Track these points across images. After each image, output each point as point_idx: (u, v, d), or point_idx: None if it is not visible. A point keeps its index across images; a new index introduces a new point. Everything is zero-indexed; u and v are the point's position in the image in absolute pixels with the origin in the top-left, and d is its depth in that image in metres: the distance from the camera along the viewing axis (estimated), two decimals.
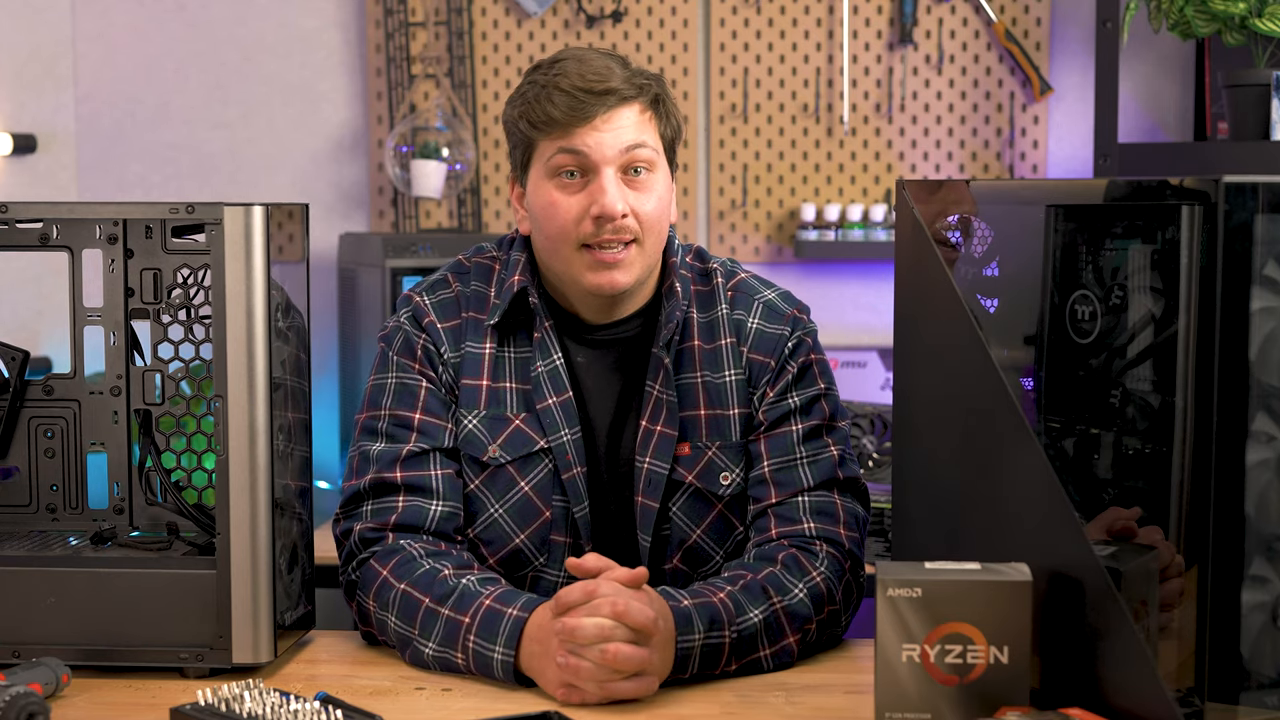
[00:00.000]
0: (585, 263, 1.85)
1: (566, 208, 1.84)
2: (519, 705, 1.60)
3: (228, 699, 1.54)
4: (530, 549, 1.88)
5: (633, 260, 1.85)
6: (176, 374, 1.82)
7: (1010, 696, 1.48)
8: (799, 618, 1.76)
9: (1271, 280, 1.37)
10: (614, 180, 1.83)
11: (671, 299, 1.90)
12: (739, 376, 1.91)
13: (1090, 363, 1.53)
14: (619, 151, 1.83)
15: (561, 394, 1.88)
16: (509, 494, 1.87)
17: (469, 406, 1.89)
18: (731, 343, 1.91)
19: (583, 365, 1.92)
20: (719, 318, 1.92)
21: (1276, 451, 1.39)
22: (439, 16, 3.58)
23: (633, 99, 1.85)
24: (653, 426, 1.88)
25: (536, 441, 1.87)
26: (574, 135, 1.83)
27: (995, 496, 1.59)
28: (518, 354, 1.91)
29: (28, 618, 1.71)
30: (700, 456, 1.89)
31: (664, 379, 1.89)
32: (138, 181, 3.67)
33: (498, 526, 1.87)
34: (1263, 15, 2.93)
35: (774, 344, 1.92)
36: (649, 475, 1.87)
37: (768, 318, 1.93)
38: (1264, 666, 1.40)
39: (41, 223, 1.81)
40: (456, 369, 1.90)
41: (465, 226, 3.61)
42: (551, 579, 1.88)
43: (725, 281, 1.95)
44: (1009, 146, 3.55)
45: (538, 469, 1.87)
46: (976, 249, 1.65)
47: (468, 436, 1.88)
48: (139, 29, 3.66)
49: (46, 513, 1.86)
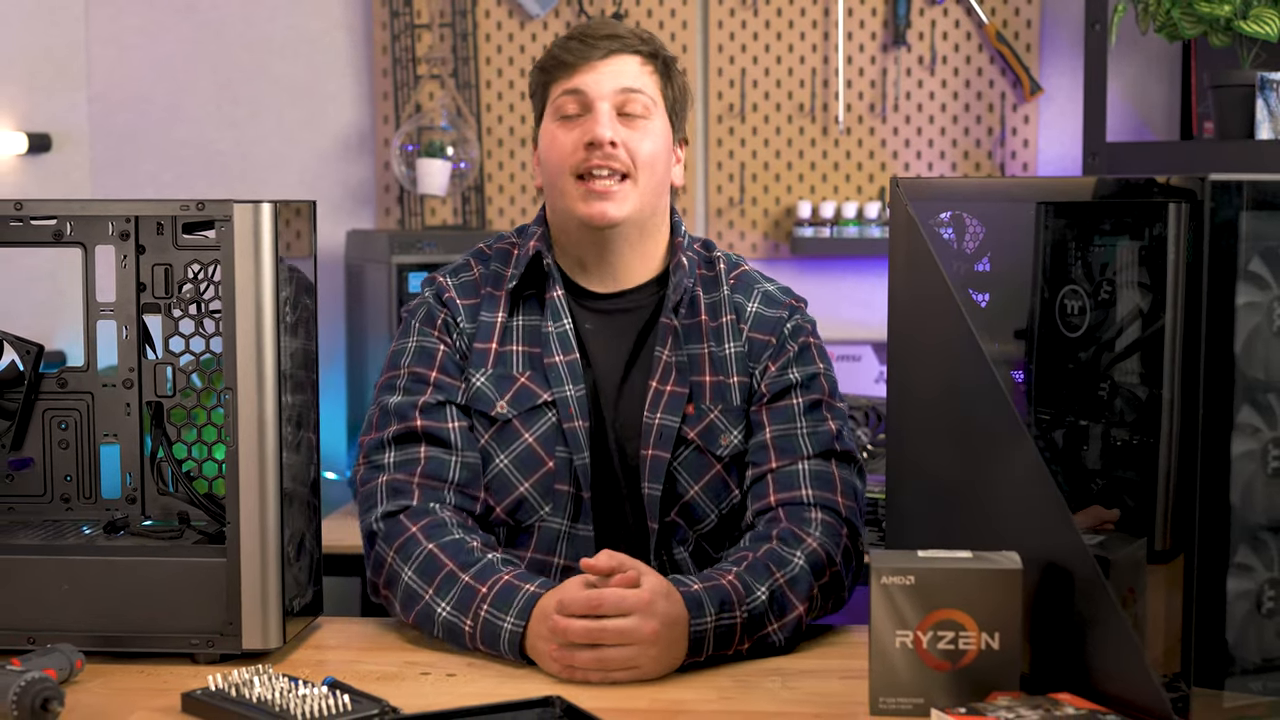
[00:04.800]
0: (579, 193, 1.94)
1: (564, 140, 1.95)
2: (523, 690, 1.61)
3: (238, 684, 1.55)
4: (534, 498, 1.93)
5: (625, 195, 1.94)
6: (187, 367, 1.83)
7: (1001, 682, 1.50)
8: (801, 585, 1.80)
9: (1256, 275, 1.39)
10: (608, 113, 1.94)
11: (679, 271, 1.99)
12: (739, 350, 1.98)
13: (1079, 356, 1.54)
14: (614, 90, 1.95)
15: (569, 354, 1.96)
16: (514, 445, 1.94)
17: (478, 366, 1.96)
18: (731, 320, 1.99)
19: (590, 331, 2.00)
20: (722, 298, 2.00)
21: (1261, 443, 1.40)
22: (444, 18, 3.61)
23: (634, 49, 1.97)
24: (663, 387, 1.95)
25: (540, 395, 1.95)
26: (576, 75, 1.95)
27: (987, 486, 1.61)
28: (527, 321, 1.99)
29: (42, 605, 1.72)
30: (703, 418, 1.96)
31: (673, 343, 1.97)
32: (149, 179, 3.69)
33: (503, 476, 1.93)
34: (1248, 17, 2.95)
35: (774, 325, 1.99)
36: (660, 429, 1.94)
37: (767, 303, 2.01)
38: (1248, 653, 1.41)
39: (56, 220, 1.82)
40: (470, 338, 1.98)
41: (469, 224, 3.64)
42: (555, 527, 1.94)
43: (728, 270, 2.03)
44: (1000, 145, 3.57)
45: (541, 421, 1.94)
46: (968, 245, 1.67)
47: (477, 393, 1.95)
48: (151, 31, 3.69)
49: (61, 502, 1.87)
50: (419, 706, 1.55)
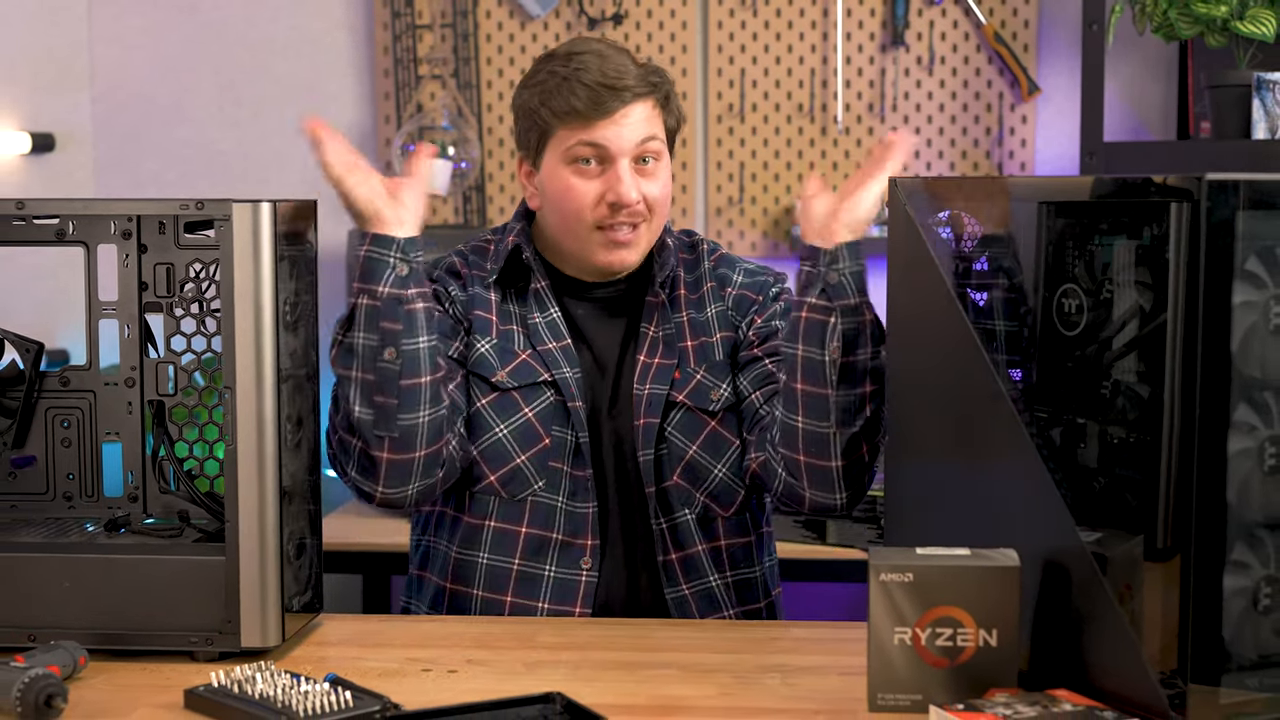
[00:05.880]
0: (599, 242, 2.01)
1: (583, 192, 1.99)
2: (524, 687, 1.62)
3: (240, 680, 1.56)
4: (530, 471, 1.99)
5: (640, 238, 2.02)
6: (189, 366, 1.84)
7: (999, 678, 1.50)
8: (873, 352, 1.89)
9: (1252, 275, 1.39)
10: (629, 170, 1.99)
11: (664, 252, 2.07)
12: (720, 309, 2.08)
13: (1077, 355, 1.54)
14: (634, 144, 1.99)
15: (561, 340, 2.03)
16: (513, 417, 2.00)
17: (483, 333, 2.03)
18: (712, 287, 2.09)
19: (583, 316, 2.07)
20: (702, 273, 2.10)
21: (1257, 441, 1.40)
22: (445, 19, 3.61)
23: (645, 95, 2.01)
24: (650, 360, 2.03)
25: (541, 374, 2.01)
26: (594, 128, 1.98)
27: (985, 484, 1.61)
28: (520, 310, 2.06)
29: (43, 602, 1.73)
30: (690, 380, 2.03)
31: (659, 318, 2.05)
32: (152, 179, 3.70)
33: (500, 445, 1.99)
34: (1244, 18, 2.96)
35: (760, 286, 2.10)
36: (649, 398, 2.01)
37: (751, 274, 2.12)
38: (1245, 649, 1.42)
39: (58, 219, 1.83)
40: (465, 305, 2.05)
41: (470, 222, 3.65)
42: (549, 503, 1.99)
43: (710, 251, 2.13)
44: (998, 145, 3.58)
45: (540, 399, 2.00)
46: (966, 244, 1.68)
47: (480, 358, 2.02)
48: (153, 31, 3.70)
49: (63, 500, 1.88)
50: (420, 703, 1.56)
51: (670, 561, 2.02)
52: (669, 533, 2.00)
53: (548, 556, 2.00)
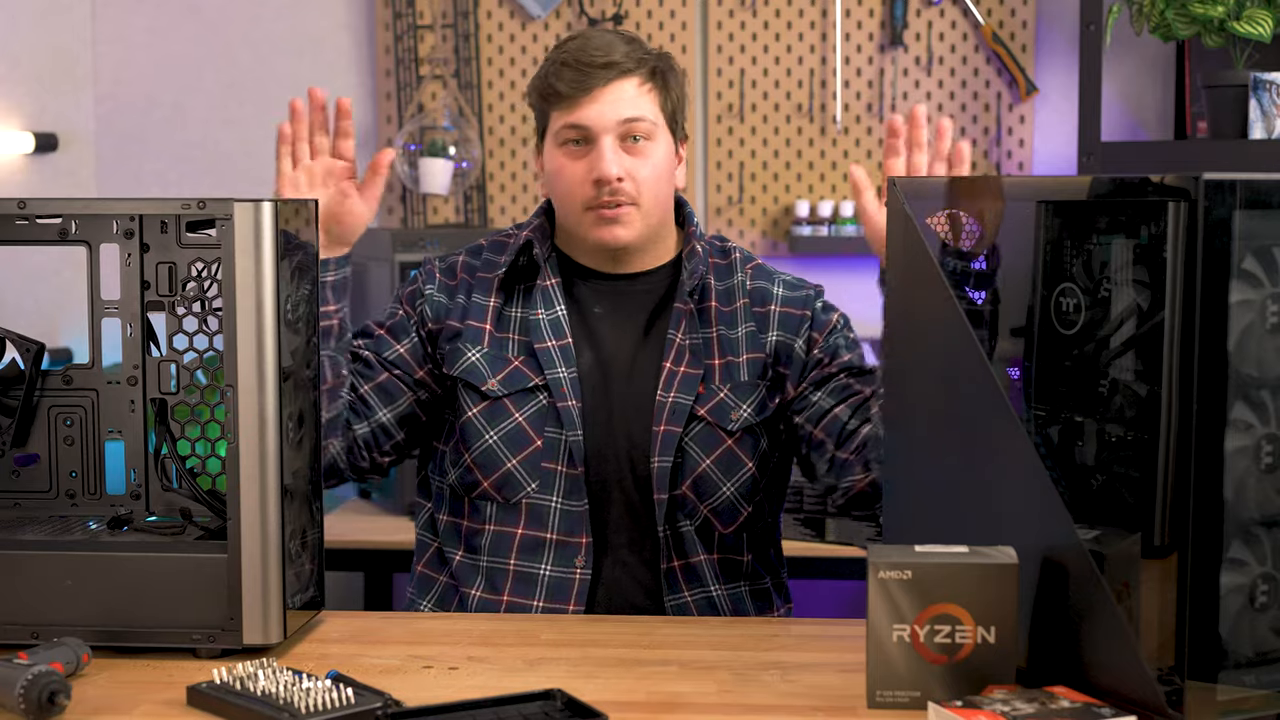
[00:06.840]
0: (590, 220, 2.01)
1: (572, 172, 2.00)
2: (526, 684, 1.62)
3: (242, 677, 1.56)
4: (522, 474, 2.00)
5: (633, 218, 2.01)
6: (191, 364, 1.84)
7: (997, 675, 1.50)
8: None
9: (1249, 274, 1.39)
10: (612, 147, 1.98)
11: (694, 259, 2.05)
12: (749, 329, 2.06)
13: (1075, 353, 1.55)
14: (616, 122, 1.98)
15: (560, 339, 2.03)
16: (503, 423, 2.01)
17: (474, 342, 2.04)
18: (745, 304, 2.06)
19: (599, 315, 2.06)
20: (736, 285, 2.07)
21: (1254, 439, 1.41)
22: (446, 19, 3.62)
23: (632, 71, 1.99)
24: (676, 368, 2.02)
25: (532, 379, 2.02)
26: (577, 108, 1.98)
27: (983, 482, 1.62)
28: (522, 313, 2.06)
29: (46, 600, 1.73)
30: (713, 397, 2.03)
31: (686, 326, 2.04)
32: (155, 179, 3.71)
33: (492, 452, 2.01)
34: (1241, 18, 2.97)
35: (803, 301, 2.09)
36: (673, 407, 2.01)
37: (790, 288, 2.10)
38: (1242, 646, 1.42)
39: (61, 218, 1.83)
40: (448, 312, 2.07)
41: (471, 222, 3.66)
42: (543, 503, 2.00)
43: (743, 261, 2.11)
44: (996, 145, 3.59)
45: (532, 404, 2.01)
46: (964, 243, 1.68)
47: (470, 367, 2.04)
48: (156, 31, 3.71)
49: (66, 498, 1.88)
50: (421, 700, 1.56)
51: (673, 569, 2.03)
52: (672, 540, 2.01)
53: (543, 556, 2.01)
